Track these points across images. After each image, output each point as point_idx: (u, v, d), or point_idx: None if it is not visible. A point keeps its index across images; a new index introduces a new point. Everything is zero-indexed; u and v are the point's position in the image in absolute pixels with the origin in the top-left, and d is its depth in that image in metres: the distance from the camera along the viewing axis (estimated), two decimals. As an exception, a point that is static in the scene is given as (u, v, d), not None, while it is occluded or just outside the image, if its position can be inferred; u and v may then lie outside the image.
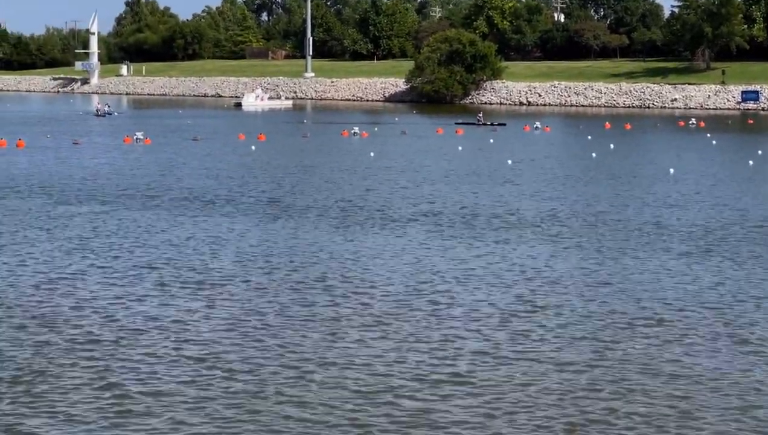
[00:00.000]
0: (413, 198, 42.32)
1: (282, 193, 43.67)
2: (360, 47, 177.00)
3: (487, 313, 22.95)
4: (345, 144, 73.18)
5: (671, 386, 17.93)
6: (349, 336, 21.02)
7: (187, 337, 20.90)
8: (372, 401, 17.13)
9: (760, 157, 61.60)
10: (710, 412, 16.73)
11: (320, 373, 18.57)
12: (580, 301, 24.19)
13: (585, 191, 45.05)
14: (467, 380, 18.19)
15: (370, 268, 27.98)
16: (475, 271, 27.50)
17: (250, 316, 22.64)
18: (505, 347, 20.26)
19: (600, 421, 16.22)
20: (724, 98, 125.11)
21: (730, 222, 36.26)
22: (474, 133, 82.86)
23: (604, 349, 20.17)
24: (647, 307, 23.64)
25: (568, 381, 18.16)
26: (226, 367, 18.84)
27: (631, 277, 26.90)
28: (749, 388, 17.93)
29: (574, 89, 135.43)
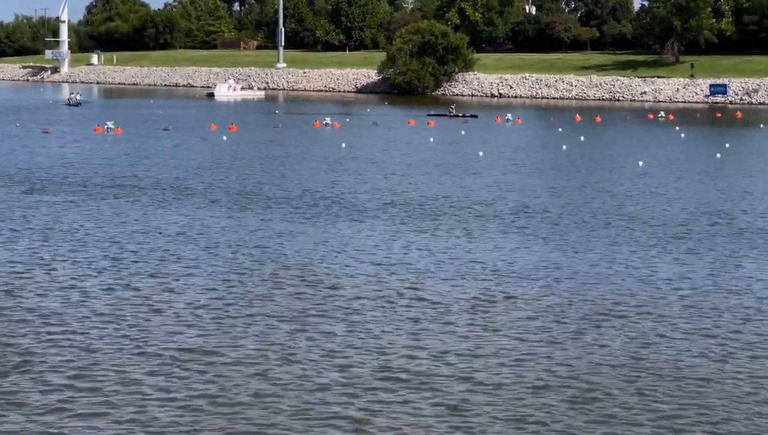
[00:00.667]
0: (384, 189, 42.50)
1: (252, 184, 43.75)
2: (332, 38, 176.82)
3: (450, 305, 23.11)
4: (317, 135, 73.24)
5: (631, 378, 18.15)
6: (313, 327, 21.17)
7: (148, 326, 21.01)
8: (333, 393, 17.27)
9: (727, 150, 62.05)
10: (667, 403, 16.97)
11: (282, 364, 18.72)
12: (544, 292, 24.39)
13: (555, 183, 45.33)
14: (426, 373, 18.32)
15: (337, 258, 28.13)
16: (442, 263, 27.68)
17: (215, 306, 22.75)
18: (468, 339, 20.42)
19: (559, 414, 16.43)
20: (693, 91, 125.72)
21: (697, 214, 36.60)
22: (446, 125, 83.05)
23: (567, 341, 20.38)
24: (611, 298, 23.88)
25: (528, 374, 18.36)
26: (187, 358, 18.98)
27: (597, 269, 27.15)
28: (706, 379, 18.22)
29: (545, 81, 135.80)
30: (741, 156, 59.76)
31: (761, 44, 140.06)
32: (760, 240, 31.62)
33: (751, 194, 42.27)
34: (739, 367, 18.87)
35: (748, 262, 28.33)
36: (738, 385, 17.84)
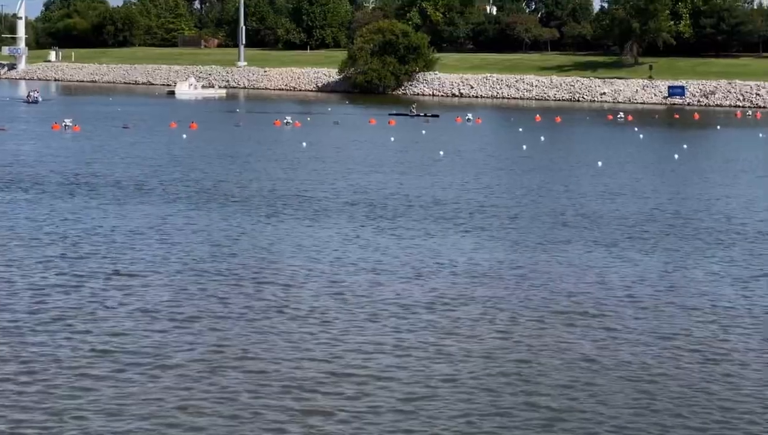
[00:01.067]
0: (343, 188, 42.53)
1: (211, 182, 43.65)
2: (293, 37, 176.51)
3: (407, 303, 23.15)
4: (277, 134, 73.12)
5: (584, 377, 18.23)
6: (269, 325, 21.16)
7: (102, 325, 20.93)
8: (288, 391, 17.27)
9: (685, 151, 62.48)
10: (614, 402, 17.08)
11: (237, 363, 18.70)
12: (500, 291, 24.46)
13: (515, 183, 45.50)
14: (380, 373, 18.35)
15: (295, 257, 28.10)
16: (399, 262, 27.71)
17: (172, 304, 22.71)
18: (423, 338, 20.49)
19: (510, 414, 16.48)
20: (652, 93, 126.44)
21: (654, 214, 36.85)
22: (407, 125, 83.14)
23: (522, 339, 20.46)
24: (567, 297, 24.01)
25: (482, 372, 18.41)
26: (141, 356, 18.95)
27: (554, 268, 27.26)
28: (658, 378, 18.37)
29: (505, 81, 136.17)
30: (698, 157, 60.21)
31: (718, 47, 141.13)
32: (714, 240, 31.87)
33: (707, 195, 42.59)
34: (692, 365, 19.03)
35: (703, 261, 28.54)
36: (690, 384, 17.99)
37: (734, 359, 19.49)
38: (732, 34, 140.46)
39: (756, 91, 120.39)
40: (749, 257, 29.22)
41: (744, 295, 24.68)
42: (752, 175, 50.24)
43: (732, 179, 48.58)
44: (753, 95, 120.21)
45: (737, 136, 78.82)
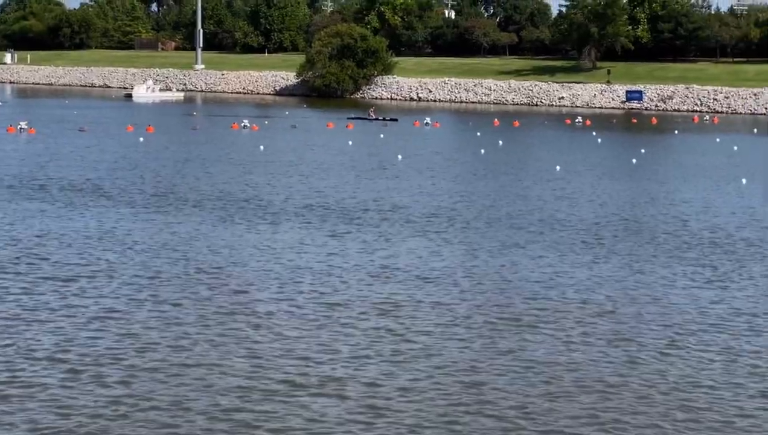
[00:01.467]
0: (300, 192, 42.32)
1: (167, 186, 43.33)
2: (251, 40, 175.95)
3: (361, 308, 23.00)
4: (235, 137, 72.77)
5: (534, 382, 18.13)
6: (222, 330, 20.97)
7: (52, 331, 20.66)
8: (240, 397, 17.10)
9: (642, 156, 62.69)
10: (567, 407, 16.99)
11: (190, 368, 18.49)
12: (454, 296, 24.34)
13: (472, 187, 45.43)
14: (328, 379, 18.16)
15: (250, 261, 27.91)
16: (354, 266, 27.58)
17: (124, 309, 22.45)
18: (375, 343, 20.32)
19: (463, 421, 16.33)
20: (610, 97, 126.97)
21: (611, 219, 36.87)
22: (364, 128, 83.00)
23: (474, 345, 20.32)
24: (521, 302, 23.93)
25: (434, 378, 18.26)
26: (93, 363, 18.70)
27: (509, 273, 27.19)
28: (609, 383, 18.29)
29: (464, 86, 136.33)
30: (656, 162, 60.39)
31: (676, 52, 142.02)
32: (670, 245, 31.90)
33: (664, 200, 42.69)
34: (645, 371, 18.98)
35: (658, 266, 28.55)
36: (642, 390, 17.94)
37: (688, 364, 19.44)
38: (690, 39, 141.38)
39: (713, 96, 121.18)
40: (704, 262, 29.26)
41: (697, 299, 24.68)
42: (709, 180, 50.43)
43: (689, 184, 48.74)
44: (710, 100, 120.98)
45: (695, 140, 79.20)
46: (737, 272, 27.93)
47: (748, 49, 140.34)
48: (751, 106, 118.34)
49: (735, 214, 38.64)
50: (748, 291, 25.74)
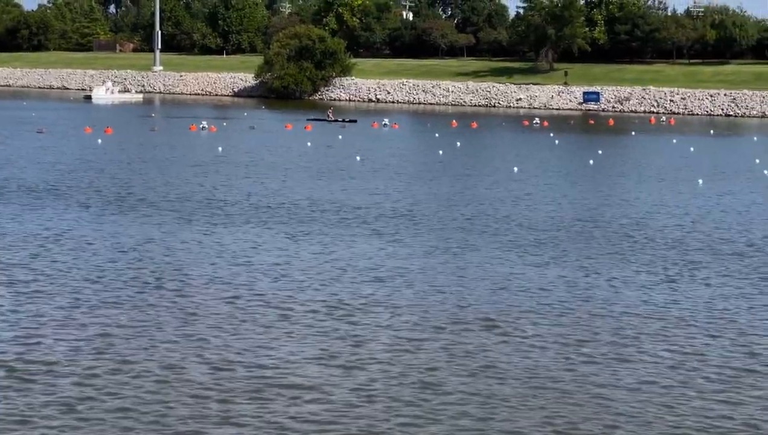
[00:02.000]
0: (258, 193, 42.33)
1: (125, 187, 43.21)
2: (209, 42, 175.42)
3: (313, 310, 23.02)
4: (193, 138, 72.62)
5: (481, 386, 18.17)
6: (173, 332, 20.98)
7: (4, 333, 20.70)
8: (186, 403, 17.10)
9: (600, 157, 63.08)
10: (519, 410, 17.09)
11: (136, 373, 18.49)
12: (406, 298, 24.37)
13: (430, 188, 45.60)
14: (275, 382, 18.17)
15: (204, 263, 27.89)
16: (306, 267, 27.60)
17: (74, 311, 22.44)
18: (324, 346, 20.34)
19: (413, 424, 16.39)
20: (567, 99, 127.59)
21: (567, 220, 37.12)
22: (323, 130, 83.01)
23: (426, 347, 20.37)
24: (474, 304, 23.97)
25: (384, 381, 18.30)
26: (43, 367, 18.72)
27: (464, 274, 27.30)
28: (558, 384, 18.47)
29: (422, 87, 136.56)
30: (613, 163, 60.79)
31: (632, 53, 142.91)
32: (627, 246, 32.17)
33: (620, 201, 43.02)
34: (600, 372, 19.16)
35: (614, 267, 28.79)
36: (597, 391, 18.14)
37: (640, 365, 19.64)
38: (646, 40, 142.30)
39: (670, 98, 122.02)
40: (658, 263, 29.53)
41: (651, 300, 24.90)
42: (665, 181, 50.83)
43: (645, 185, 49.11)
44: (667, 101, 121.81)
45: (651, 141, 79.74)
46: (690, 273, 28.21)
47: (704, 50, 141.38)
48: (707, 107, 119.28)
49: (690, 215, 39.01)
50: (700, 291, 26.03)
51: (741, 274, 28.19)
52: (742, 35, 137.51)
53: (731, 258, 30.42)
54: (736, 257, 30.55)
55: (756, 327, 22.60)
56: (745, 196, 45.03)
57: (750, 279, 27.54)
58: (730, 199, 44.10)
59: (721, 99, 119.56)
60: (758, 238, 33.92)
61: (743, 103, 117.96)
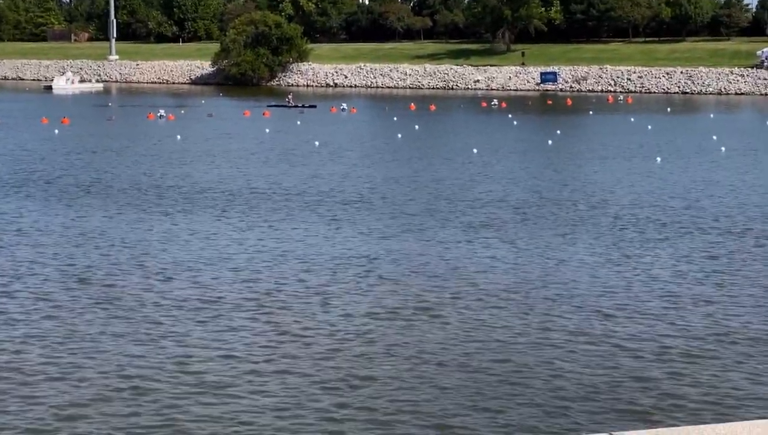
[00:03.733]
0: (216, 180, 42.19)
1: (81, 177, 42.93)
2: (165, 30, 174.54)
3: (246, 298, 22.85)
4: (151, 127, 72.28)
5: (428, 373, 18.01)
6: (118, 324, 20.90)
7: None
8: (135, 392, 17.01)
9: (558, 137, 63.27)
10: (463, 395, 16.99)
11: (93, 363, 18.40)
12: (351, 285, 24.14)
13: (389, 172, 45.57)
14: (216, 375, 18.01)
15: (158, 252, 27.75)
16: (266, 254, 27.56)
17: (27, 305, 22.32)
18: (258, 335, 20.11)
19: (348, 417, 16.13)
20: (525, 79, 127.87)
21: (526, 201, 37.21)
22: (281, 116, 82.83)
23: (366, 334, 20.18)
24: (421, 288, 23.80)
25: (318, 372, 18.03)
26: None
27: (414, 258, 27.13)
28: (518, 369, 18.53)
29: (379, 71, 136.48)
30: (571, 142, 60.99)
31: (588, 33, 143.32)
32: (583, 225, 32.28)
33: (579, 180, 43.19)
34: (551, 356, 19.15)
35: (570, 246, 28.86)
36: (547, 373, 18.18)
37: (595, 347, 19.69)
38: (602, 19, 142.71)
39: (627, 76, 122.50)
40: (614, 242, 29.63)
41: (607, 280, 24.97)
42: (624, 160, 51.07)
43: (604, 164, 49.33)
44: (624, 80, 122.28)
45: (609, 120, 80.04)
46: (647, 251, 28.32)
47: (660, 28, 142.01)
48: (664, 85, 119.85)
49: (649, 193, 39.20)
50: (654, 271, 26.12)
51: (695, 250, 28.32)
52: (697, 12, 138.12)
53: (687, 235, 30.58)
54: (693, 234, 30.71)
55: (703, 302, 22.68)
56: (702, 174, 45.27)
57: (703, 255, 27.67)
58: (687, 176, 44.33)
59: (678, 77, 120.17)
60: (715, 215, 34.11)
61: (699, 80, 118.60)
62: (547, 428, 15.46)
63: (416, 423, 15.69)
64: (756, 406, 16.34)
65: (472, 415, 16.03)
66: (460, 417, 15.95)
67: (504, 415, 15.98)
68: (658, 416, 15.78)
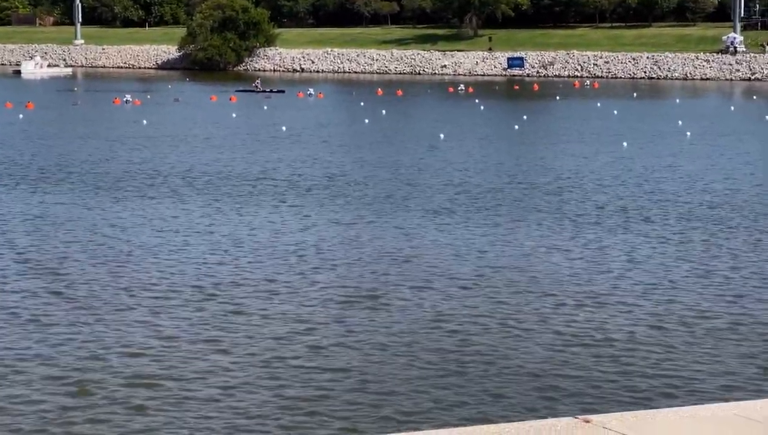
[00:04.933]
0: (182, 165, 42.08)
1: (43, 163, 42.70)
2: (131, 14, 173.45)
3: (194, 285, 22.68)
4: (117, 112, 71.97)
5: (391, 357, 17.94)
6: (86, 309, 20.87)
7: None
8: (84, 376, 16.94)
9: (525, 122, 63.37)
10: (427, 379, 17.01)
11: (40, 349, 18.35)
12: (307, 272, 23.90)
13: (356, 157, 45.56)
14: (158, 367, 17.72)
15: (118, 237, 27.70)
16: (213, 239, 27.53)
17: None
18: (206, 322, 19.97)
19: (296, 406, 15.99)
20: (492, 65, 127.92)
21: (490, 186, 37.25)
22: (248, 101, 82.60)
23: (316, 323, 19.97)
24: (389, 272, 23.75)
25: (267, 361, 17.83)
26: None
27: (373, 243, 27.12)
28: (443, 360, 18.47)
29: (346, 56, 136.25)
30: (538, 127, 61.13)
31: (555, 18, 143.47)
32: (548, 211, 32.35)
33: (546, 165, 43.31)
34: (508, 345, 19.13)
35: (533, 232, 28.89)
36: (505, 363, 18.23)
37: (552, 335, 19.73)
38: (569, 5, 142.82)
39: (593, 62, 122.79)
40: (579, 227, 29.70)
41: (570, 266, 25.03)
42: (590, 145, 51.22)
43: (571, 149, 49.47)
44: (591, 65, 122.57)
45: (576, 106, 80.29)
46: (611, 237, 28.41)
47: (627, 14, 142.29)
48: (630, 70, 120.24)
49: (614, 178, 39.33)
50: (615, 255, 26.22)
51: (659, 235, 28.44)
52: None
53: (654, 219, 30.71)
54: (657, 218, 30.84)
55: (662, 285, 22.80)
56: (668, 158, 45.46)
57: (668, 239, 27.81)
58: (653, 160, 44.50)
59: (644, 62, 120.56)
60: (680, 199, 34.28)
61: (665, 65, 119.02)
62: (504, 412, 15.47)
63: (371, 412, 15.68)
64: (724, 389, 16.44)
65: (424, 401, 15.99)
66: (412, 401, 15.96)
67: (452, 400, 16.03)
68: (624, 399, 15.85)
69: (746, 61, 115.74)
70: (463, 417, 15.16)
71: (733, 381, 16.85)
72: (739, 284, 22.92)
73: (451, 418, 15.07)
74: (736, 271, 24.09)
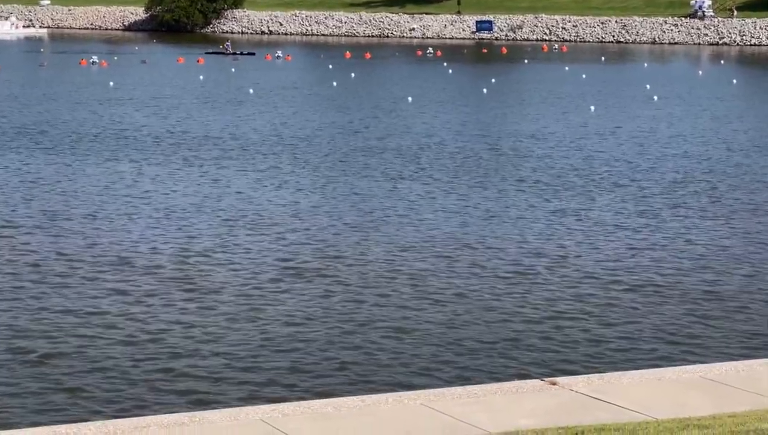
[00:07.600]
0: (148, 127, 41.87)
1: (11, 126, 42.40)
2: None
3: (150, 250, 22.40)
4: (83, 73, 71.48)
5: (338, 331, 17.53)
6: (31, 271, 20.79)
7: None
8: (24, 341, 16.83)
9: (493, 85, 63.36)
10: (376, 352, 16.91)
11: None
12: (265, 239, 23.48)
13: (322, 120, 45.41)
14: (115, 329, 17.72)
15: (90, 199, 27.51)
16: (177, 202, 27.40)
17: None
18: (154, 292, 19.55)
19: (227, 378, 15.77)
20: (460, 28, 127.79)
21: (457, 149, 37.23)
22: (216, 63, 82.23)
23: (265, 294, 19.60)
24: (342, 240, 23.43)
25: (246, 327, 17.59)
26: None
27: (341, 208, 27.02)
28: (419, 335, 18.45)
29: (315, 18, 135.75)
30: (506, 91, 61.14)
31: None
32: (515, 170, 32.33)
33: (512, 129, 43.30)
34: (465, 306, 19.05)
35: (496, 198, 28.72)
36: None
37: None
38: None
39: (562, 25, 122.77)
40: (542, 193, 29.64)
41: (535, 232, 24.95)
42: (558, 108, 51.27)
43: (537, 112, 49.49)
44: (559, 29, 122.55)
45: (544, 69, 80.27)
46: (577, 204, 28.31)
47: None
48: (598, 34, 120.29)
49: (581, 141, 39.36)
50: (577, 218, 26.21)
51: (626, 199, 28.42)
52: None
53: (620, 184, 30.74)
54: (623, 183, 30.89)
55: (624, 248, 22.83)
56: (635, 122, 45.56)
57: (631, 202, 27.80)
58: (621, 124, 44.57)
59: (612, 26, 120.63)
60: (647, 164, 34.34)
61: (633, 29, 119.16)
62: (475, 372, 15.47)
63: (339, 378, 15.62)
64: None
65: (388, 366, 15.91)
66: (368, 367, 15.85)
67: (410, 364, 16.03)
68: (588, 363, 15.90)
69: (714, 26, 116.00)
70: (426, 383, 15.12)
71: (697, 345, 16.92)
72: (703, 249, 22.93)
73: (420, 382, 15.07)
74: (701, 234, 24.13)
